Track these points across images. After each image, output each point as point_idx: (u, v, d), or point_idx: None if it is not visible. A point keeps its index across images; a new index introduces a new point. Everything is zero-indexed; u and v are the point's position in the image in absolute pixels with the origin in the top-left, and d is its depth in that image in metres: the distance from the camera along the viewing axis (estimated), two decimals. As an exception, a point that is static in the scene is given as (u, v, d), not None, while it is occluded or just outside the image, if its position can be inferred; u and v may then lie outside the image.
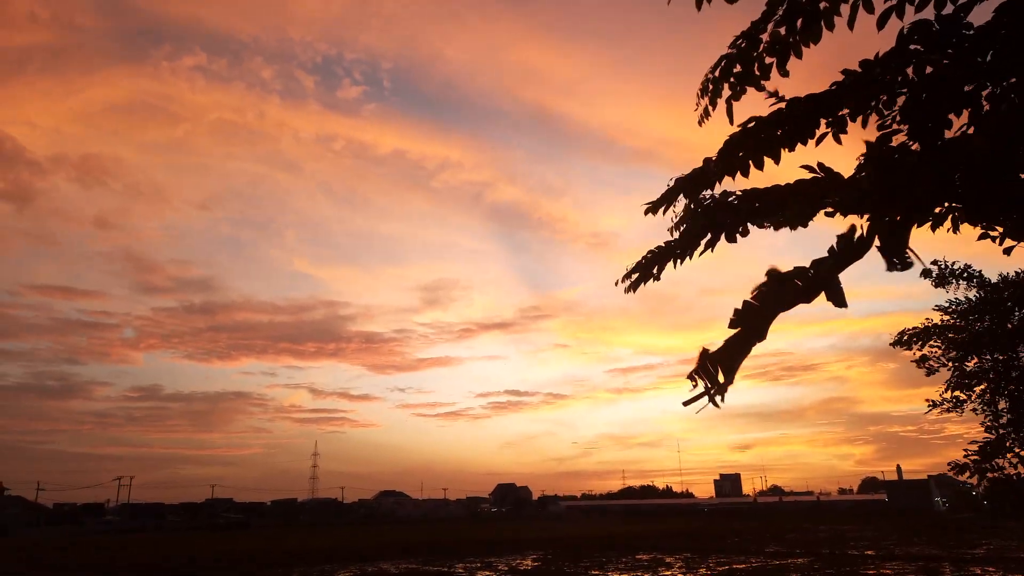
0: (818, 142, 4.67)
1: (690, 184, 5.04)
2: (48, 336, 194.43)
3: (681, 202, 5.33)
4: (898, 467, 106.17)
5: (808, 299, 1.70)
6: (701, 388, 1.76)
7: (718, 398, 1.72)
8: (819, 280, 1.71)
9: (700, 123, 5.03)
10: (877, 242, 2.27)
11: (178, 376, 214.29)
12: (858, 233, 1.84)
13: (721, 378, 1.71)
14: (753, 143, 4.65)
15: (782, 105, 4.85)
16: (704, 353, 1.81)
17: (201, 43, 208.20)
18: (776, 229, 5.16)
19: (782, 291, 1.76)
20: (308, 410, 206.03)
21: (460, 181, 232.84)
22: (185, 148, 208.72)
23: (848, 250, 1.75)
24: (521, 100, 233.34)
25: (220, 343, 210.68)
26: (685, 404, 1.80)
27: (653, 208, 5.09)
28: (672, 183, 5.13)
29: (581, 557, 26.35)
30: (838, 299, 2.15)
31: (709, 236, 5.20)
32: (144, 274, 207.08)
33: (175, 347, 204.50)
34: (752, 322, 1.70)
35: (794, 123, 4.45)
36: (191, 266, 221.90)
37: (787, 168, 5.08)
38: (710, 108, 4.85)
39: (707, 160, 5.04)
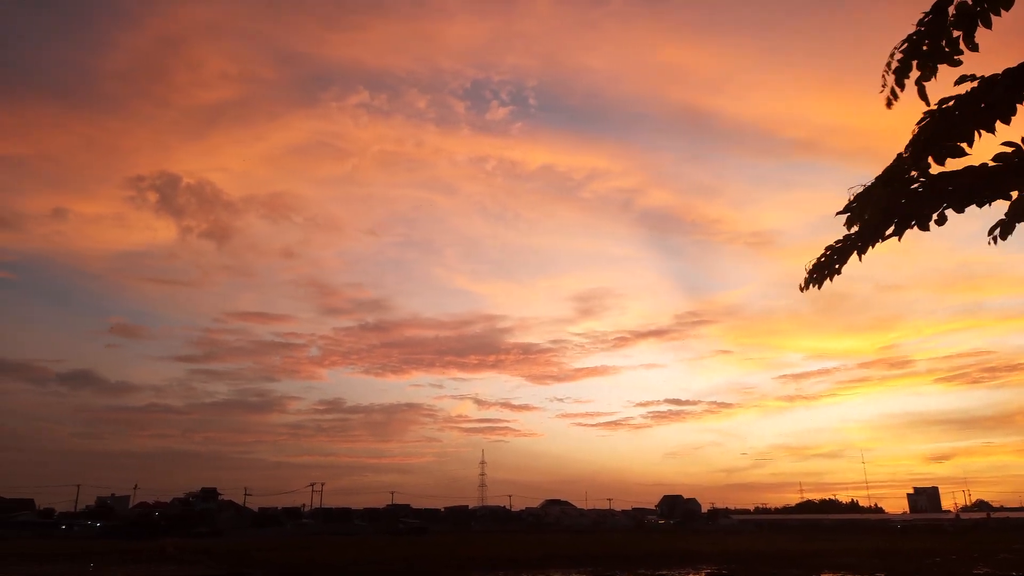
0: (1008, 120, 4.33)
1: (882, 183, 4.79)
2: (249, 357, 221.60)
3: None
4: None
5: None
6: None
7: None
8: None
9: (888, 105, 4.76)
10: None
11: (357, 389, 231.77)
12: None
13: None
14: (946, 126, 4.34)
15: (974, 84, 4.45)
16: None
17: (363, 82, 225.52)
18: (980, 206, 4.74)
19: None
20: (474, 420, 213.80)
21: (608, 189, 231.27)
22: (354, 180, 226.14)
23: None
24: (666, 101, 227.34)
25: (393, 358, 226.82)
26: None
27: (849, 219, 4.90)
28: (860, 188, 4.89)
29: (758, 574, 25.37)
30: None
31: (896, 223, 4.88)
32: (325, 298, 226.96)
33: (354, 363, 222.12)
34: None
35: (992, 101, 4.10)
36: (364, 288, 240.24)
37: (978, 150, 4.72)
38: (897, 89, 4.58)
39: (899, 156, 4.79)
